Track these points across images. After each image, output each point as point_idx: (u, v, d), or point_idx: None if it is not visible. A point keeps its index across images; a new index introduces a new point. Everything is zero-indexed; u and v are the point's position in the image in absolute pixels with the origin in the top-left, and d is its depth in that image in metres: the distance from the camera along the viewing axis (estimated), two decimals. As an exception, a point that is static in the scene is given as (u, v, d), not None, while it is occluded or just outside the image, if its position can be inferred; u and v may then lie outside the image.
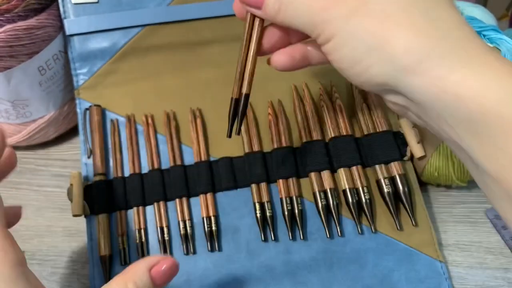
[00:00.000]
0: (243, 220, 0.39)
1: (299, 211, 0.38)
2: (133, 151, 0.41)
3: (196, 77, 0.44)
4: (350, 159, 0.39)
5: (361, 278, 0.37)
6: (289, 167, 0.40)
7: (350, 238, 0.38)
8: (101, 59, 0.44)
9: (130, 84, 0.44)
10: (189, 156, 0.41)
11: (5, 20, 0.38)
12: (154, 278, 0.27)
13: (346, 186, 0.39)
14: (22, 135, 0.44)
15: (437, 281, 0.37)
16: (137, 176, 0.40)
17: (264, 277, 0.37)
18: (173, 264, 0.28)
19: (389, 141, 0.40)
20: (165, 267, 0.28)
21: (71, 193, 0.38)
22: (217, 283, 0.37)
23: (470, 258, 0.39)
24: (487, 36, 0.43)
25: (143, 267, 0.27)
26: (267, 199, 0.39)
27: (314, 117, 0.41)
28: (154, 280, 0.27)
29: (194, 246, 0.38)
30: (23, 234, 0.43)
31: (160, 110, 0.43)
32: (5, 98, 0.41)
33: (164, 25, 0.44)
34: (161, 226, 0.38)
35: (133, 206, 0.39)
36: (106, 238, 0.38)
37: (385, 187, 0.39)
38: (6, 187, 0.46)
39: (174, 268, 0.28)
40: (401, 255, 0.38)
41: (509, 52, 0.40)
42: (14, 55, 0.39)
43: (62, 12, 0.43)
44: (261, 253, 0.38)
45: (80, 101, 0.43)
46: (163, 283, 0.28)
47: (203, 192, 0.39)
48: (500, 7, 0.59)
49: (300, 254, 0.38)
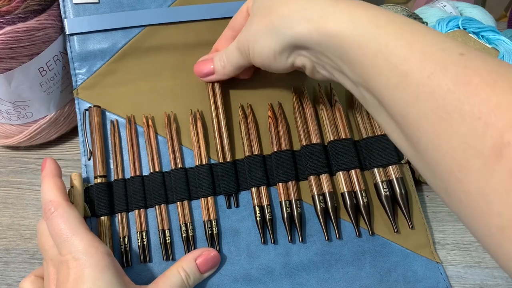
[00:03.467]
0: (243, 223, 0.39)
1: (298, 214, 0.39)
2: (133, 152, 0.41)
3: (196, 79, 0.44)
4: (348, 163, 0.40)
5: (358, 279, 0.38)
6: (289, 171, 0.40)
7: (348, 241, 0.39)
8: (100, 59, 0.44)
9: (130, 85, 0.44)
10: (190, 158, 0.41)
11: (5, 22, 0.38)
12: (199, 265, 0.36)
13: (345, 189, 0.39)
14: (24, 135, 0.44)
15: (434, 281, 0.38)
16: (138, 179, 0.40)
17: (263, 279, 0.38)
18: (215, 255, 0.37)
19: (387, 144, 0.40)
20: (207, 257, 0.36)
21: (72, 195, 0.38)
22: (217, 285, 0.37)
23: (469, 257, 0.40)
24: (486, 37, 0.43)
25: (190, 256, 0.36)
26: (267, 203, 0.39)
27: (314, 120, 0.42)
28: (200, 267, 0.36)
29: (195, 248, 0.38)
30: (23, 233, 0.43)
31: (159, 111, 0.43)
32: (6, 99, 0.41)
33: (164, 26, 0.44)
34: (163, 228, 0.39)
35: (134, 208, 0.39)
36: (108, 240, 0.38)
37: (383, 191, 0.39)
38: (7, 187, 0.46)
39: (216, 258, 0.37)
40: (399, 257, 0.38)
41: (507, 52, 0.40)
42: (14, 56, 0.39)
43: (62, 12, 0.42)
44: (261, 255, 0.38)
45: (79, 101, 0.43)
46: (206, 269, 0.36)
47: (204, 195, 0.40)
48: (499, 8, 0.59)
49: (299, 256, 0.38)
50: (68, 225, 0.32)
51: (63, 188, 0.35)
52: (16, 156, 0.48)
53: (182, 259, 0.36)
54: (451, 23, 0.43)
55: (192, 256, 0.36)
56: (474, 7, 0.50)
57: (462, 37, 0.39)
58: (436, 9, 0.50)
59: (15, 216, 0.44)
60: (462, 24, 0.43)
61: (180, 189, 0.39)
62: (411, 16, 0.45)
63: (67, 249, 0.32)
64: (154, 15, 0.43)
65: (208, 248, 0.38)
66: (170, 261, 0.38)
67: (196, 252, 0.37)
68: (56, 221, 0.32)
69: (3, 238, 0.43)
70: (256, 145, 0.41)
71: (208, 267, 0.36)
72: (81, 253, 0.31)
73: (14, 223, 0.44)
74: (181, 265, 0.35)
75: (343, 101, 0.43)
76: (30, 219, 0.44)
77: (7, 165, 0.47)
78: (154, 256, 0.38)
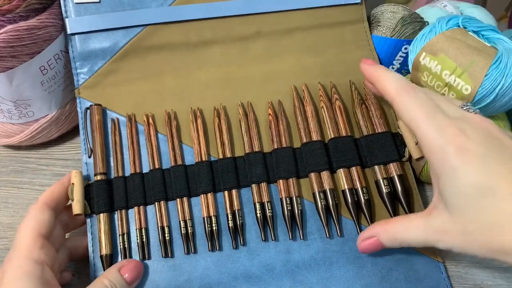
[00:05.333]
0: (244, 220, 0.39)
1: (299, 211, 0.38)
2: (134, 150, 0.41)
3: (197, 77, 0.44)
4: (349, 160, 0.40)
5: (360, 277, 0.37)
6: (289, 168, 0.40)
7: (349, 238, 0.39)
8: (102, 59, 0.44)
9: (131, 84, 0.44)
10: (190, 156, 0.41)
11: (6, 21, 0.38)
12: (123, 273, 0.35)
13: (346, 186, 0.39)
14: (25, 134, 0.45)
15: (436, 281, 0.37)
16: (138, 176, 0.40)
17: (264, 276, 0.37)
18: (137, 263, 0.37)
19: (388, 142, 0.40)
20: (130, 266, 0.36)
21: (72, 192, 0.38)
22: (217, 282, 0.37)
23: (469, 257, 0.40)
24: (486, 36, 0.43)
25: (113, 268, 0.36)
26: (267, 199, 0.39)
27: (314, 117, 0.42)
28: (124, 276, 0.35)
29: (195, 245, 0.38)
30: (24, 233, 0.43)
31: (160, 109, 0.43)
32: (8, 98, 0.42)
33: (165, 25, 0.44)
34: (162, 225, 0.39)
35: (134, 205, 0.39)
36: (107, 237, 0.38)
37: (384, 188, 0.39)
38: (8, 187, 0.46)
39: (139, 267, 0.37)
40: (400, 255, 0.38)
41: (506, 51, 0.40)
42: (15, 55, 0.39)
43: (63, 12, 0.43)
44: (261, 252, 0.38)
45: (80, 100, 0.43)
46: (132, 277, 0.36)
47: (203, 192, 0.39)
48: (499, 9, 0.59)
49: (299, 254, 0.38)
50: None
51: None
52: (16, 155, 0.48)
53: (105, 273, 0.36)
54: (451, 22, 0.43)
55: (115, 267, 0.36)
56: (475, 7, 0.50)
57: (461, 36, 0.39)
58: (437, 9, 0.50)
59: (15, 215, 0.44)
60: (462, 23, 0.43)
61: (179, 186, 0.39)
62: (411, 16, 0.46)
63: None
64: (155, 14, 0.44)
65: (128, 259, 0.37)
66: (169, 258, 0.38)
67: (117, 265, 0.36)
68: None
69: (3, 238, 0.43)
70: (257, 143, 0.41)
71: (133, 275, 0.36)
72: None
73: (14, 223, 0.44)
74: (106, 277, 0.35)
75: (344, 98, 0.43)
76: (30, 219, 0.44)
77: (8, 165, 0.47)
78: (153, 253, 0.38)
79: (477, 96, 0.36)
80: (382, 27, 0.45)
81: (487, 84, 0.35)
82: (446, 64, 0.37)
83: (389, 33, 0.45)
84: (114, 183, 0.40)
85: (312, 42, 0.46)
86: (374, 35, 0.46)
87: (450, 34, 0.39)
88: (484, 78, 0.35)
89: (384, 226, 0.35)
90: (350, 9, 0.47)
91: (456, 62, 0.37)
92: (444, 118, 0.31)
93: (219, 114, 0.42)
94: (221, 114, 0.42)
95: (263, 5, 0.45)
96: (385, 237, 0.35)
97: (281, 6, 0.45)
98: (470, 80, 0.36)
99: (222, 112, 0.42)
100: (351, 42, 0.46)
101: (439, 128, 0.30)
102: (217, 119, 0.42)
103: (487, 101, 0.36)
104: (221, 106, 0.43)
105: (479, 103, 0.36)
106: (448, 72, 0.37)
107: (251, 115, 0.42)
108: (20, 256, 0.33)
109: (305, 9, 0.46)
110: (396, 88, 0.33)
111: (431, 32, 0.40)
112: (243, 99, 0.43)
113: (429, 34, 0.40)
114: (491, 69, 0.35)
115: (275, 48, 0.45)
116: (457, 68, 0.37)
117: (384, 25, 0.45)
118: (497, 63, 0.36)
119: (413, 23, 0.45)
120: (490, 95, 0.36)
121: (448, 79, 0.37)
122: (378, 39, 0.46)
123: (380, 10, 0.47)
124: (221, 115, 0.42)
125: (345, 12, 0.46)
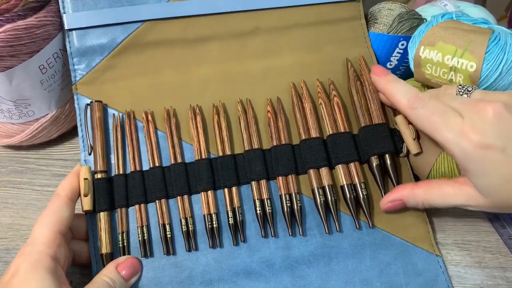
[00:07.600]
0: (244, 217, 0.39)
1: (298, 207, 0.39)
2: (133, 147, 0.41)
3: (195, 74, 0.44)
4: (347, 156, 0.40)
5: (359, 272, 0.38)
6: (288, 164, 0.40)
7: (348, 233, 0.39)
8: (99, 55, 0.43)
9: (129, 80, 0.44)
10: (190, 153, 0.41)
11: (4, 20, 0.38)
12: (120, 270, 0.36)
13: (344, 182, 0.40)
14: (25, 134, 0.45)
15: (434, 274, 0.38)
16: (138, 174, 0.40)
17: (264, 272, 0.38)
18: (134, 260, 0.37)
19: (384, 132, 0.40)
20: (127, 263, 0.37)
21: (86, 188, 0.38)
22: (218, 278, 0.37)
23: (469, 257, 0.40)
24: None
25: (111, 265, 0.37)
26: (267, 196, 0.39)
27: (313, 114, 0.42)
28: (122, 273, 0.36)
29: (195, 242, 0.39)
30: (23, 233, 0.43)
31: (158, 106, 0.43)
32: (7, 98, 0.42)
33: (163, 21, 0.44)
34: (163, 223, 0.39)
35: (134, 203, 0.40)
36: (107, 235, 0.38)
37: (375, 165, 0.40)
38: (8, 187, 0.46)
39: (135, 263, 0.37)
40: (398, 249, 0.39)
41: (502, 31, 0.39)
42: (14, 54, 0.39)
43: (61, 8, 0.42)
44: (261, 248, 0.38)
45: (78, 96, 0.43)
46: (129, 274, 0.36)
47: (204, 189, 0.40)
48: (499, 9, 0.59)
49: (299, 250, 0.38)
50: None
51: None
52: (16, 156, 0.48)
53: (103, 270, 0.36)
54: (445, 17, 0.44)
55: (112, 264, 0.37)
56: (475, 6, 0.51)
57: (455, 24, 0.40)
58: (437, 8, 0.50)
59: (15, 216, 0.44)
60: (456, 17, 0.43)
61: (180, 183, 0.40)
62: (409, 13, 0.46)
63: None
64: (153, 10, 0.44)
65: (125, 256, 0.38)
66: (170, 256, 0.38)
67: (114, 262, 0.37)
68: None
69: (3, 238, 0.43)
70: (256, 140, 0.41)
71: (130, 272, 0.37)
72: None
73: (14, 223, 0.44)
74: (104, 274, 0.35)
75: (342, 95, 0.44)
76: (30, 219, 0.44)
77: (7, 165, 0.47)
78: (155, 251, 0.38)
79: (483, 71, 0.36)
80: (379, 24, 0.46)
81: (490, 58, 0.36)
82: (446, 49, 0.38)
83: (386, 30, 0.45)
84: (115, 181, 0.40)
85: (310, 39, 0.46)
86: (371, 32, 0.46)
87: (444, 25, 0.39)
88: (485, 53, 0.36)
89: (413, 192, 0.37)
90: (348, 6, 0.47)
91: (455, 45, 0.37)
92: (456, 118, 0.33)
93: (218, 111, 0.42)
94: (220, 111, 0.42)
95: (262, 1, 0.45)
96: (411, 200, 0.38)
97: (279, 3, 0.45)
98: (472, 56, 0.36)
99: (221, 109, 0.42)
100: (348, 39, 0.46)
101: (454, 132, 0.33)
102: (216, 116, 0.42)
103: (494, 77, 0.36)
104: (220, 103, 0.43)
105: (486, 80, 0.37)
106: (450, 56, 0.38)
107: (250, 112, 0.42)
108: (37, 251, 0.33)
109: (303, 6, 0.46)
110: (407, 101, 0.36)
111: (427, 28, 0.40)
112: (241, 95, 0.43)
113: (426, 29, 0.40)
114: (491, 45, 0.36)
115: (274, 44, 0.45)
116: (457, 49, 0.37)
117: (381, 22, 0.46)
118: (496, 39, 0.36)
119: (410, 19, 0.45)
120: (496, 71, 0.36)
121: (452, 62, 0.37)
122: (375, 36, 0.46)
123: (377, 8, 0.47)
124: (220, 112, 0.42)
125: (343, 9, 0.47)
